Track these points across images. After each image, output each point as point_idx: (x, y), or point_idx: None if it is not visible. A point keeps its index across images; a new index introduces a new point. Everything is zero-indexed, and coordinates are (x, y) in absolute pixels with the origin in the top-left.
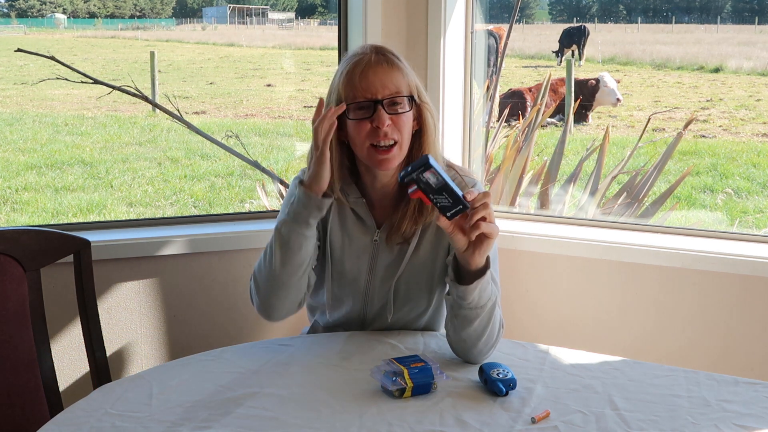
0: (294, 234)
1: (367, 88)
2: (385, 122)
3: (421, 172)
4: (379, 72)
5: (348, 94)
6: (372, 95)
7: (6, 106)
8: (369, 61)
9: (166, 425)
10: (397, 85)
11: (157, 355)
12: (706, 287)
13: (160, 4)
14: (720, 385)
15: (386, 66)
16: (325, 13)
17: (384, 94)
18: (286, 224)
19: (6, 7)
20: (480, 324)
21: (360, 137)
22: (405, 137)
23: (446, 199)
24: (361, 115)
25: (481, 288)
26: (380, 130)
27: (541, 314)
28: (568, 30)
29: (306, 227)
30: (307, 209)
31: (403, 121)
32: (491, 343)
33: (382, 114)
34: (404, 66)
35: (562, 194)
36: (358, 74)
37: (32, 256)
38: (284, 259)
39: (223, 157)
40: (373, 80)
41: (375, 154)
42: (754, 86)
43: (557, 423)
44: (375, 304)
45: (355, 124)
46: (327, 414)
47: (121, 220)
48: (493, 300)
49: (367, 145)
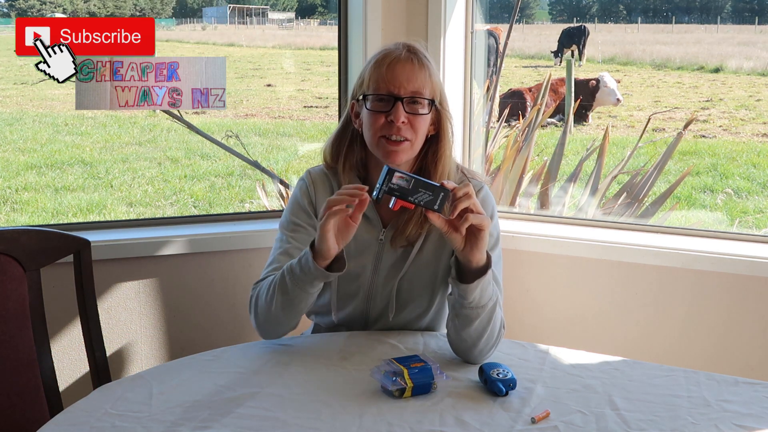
0: (298, 290)
1: (392, 80)
2: (401, 118)
3: (389, 181)
4: (407, 68)
5: (372, 83)
6: (395, 89)
7: (6, 106)
8: (399, 56)
9: (166, 425)
10: (421, 84)
11: (157, 355)
12: (706, 287)
13: (160, 4)
14: (720, 385)
15: (415, 64)
16: (325, 13)
17: (407, 91)
18: (291, 278)
19: (6, 7)
20: (480, 324)
21: (374, 127)
22: (419, 138)
23: (425, 194)
24: (380, 108)
25: (482, 287)
26: (394, 125)
27: (541, 314)
28: (567, 30)
29: (311, 288)
30: (313, 278)
31: (419, 121)
32: (492, 344)
33: (400, 110)
34: (432, 69)
35: (562, 194)
36: (385, 65)
37: (32, 256)
38: (285, 305)
39: (223, 157)
40: (399, 74)
41: (385, 145)
42: (754, 86)
43: (557, 423)
44: (378, 303)
45: (372, 115)
46: (327, 414)
47: (121, 220)
48: (494, 300)
49: (378, 135)
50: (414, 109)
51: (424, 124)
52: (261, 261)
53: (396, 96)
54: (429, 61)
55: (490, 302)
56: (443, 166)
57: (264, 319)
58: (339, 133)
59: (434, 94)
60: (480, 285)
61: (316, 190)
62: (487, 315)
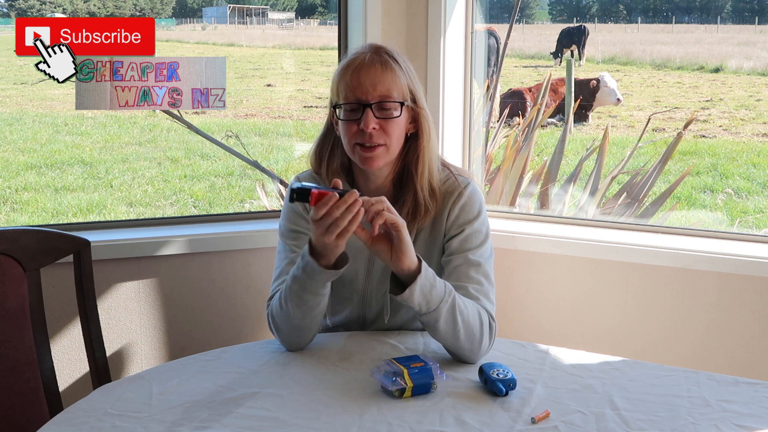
0: (310, 295)
1: (358, 87)
2: (371, 125)
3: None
4: (371, 73)
5: (341, 92)
6: (362, 96)
7: (6, 106)
8: (363, 60)
9: (166, 425)
10: (388, 87)
11: (157, 355)
12: (706, 287)
13: (160, 4)
14: (720, 385)
15: (379, 67)
16: (325, 13)
17: (374, 96)
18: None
19: (6, 7)
20: (447, 326)
21: (347, 136)
22: (394, 140)
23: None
24: (350, 116)
25: (423, 292)
26: (366, 132)
27: (541, 314)
28: (567, 30)
29: (323, 290)
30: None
31: (391, 125)
32: (477, 341)
33: (370, 116)
34: (401, 68)
35: (562, 194)
36: (350, 72)
37: (32, 256)
38: (304, 315)
39: (223, 157)
40: (363, 81)
41: (360, 152)
42: (754, 86)
43: (557, 423)
44: (373, 306)
45: (344, 124)
46: (327, 414)
47: (121, 220)
48: (449, 301)
49: (353, 143)
50: (384, 114)
51: (398, 126)
52: (261, 261)
53: (364, 103)
54: (397, 61)
55: (443, 303)
56: (423, 164)
57: (288, 334)
58: (321, 139)
59: (403, 94)
60: (417, 290)
61: None
62: (447, 317)
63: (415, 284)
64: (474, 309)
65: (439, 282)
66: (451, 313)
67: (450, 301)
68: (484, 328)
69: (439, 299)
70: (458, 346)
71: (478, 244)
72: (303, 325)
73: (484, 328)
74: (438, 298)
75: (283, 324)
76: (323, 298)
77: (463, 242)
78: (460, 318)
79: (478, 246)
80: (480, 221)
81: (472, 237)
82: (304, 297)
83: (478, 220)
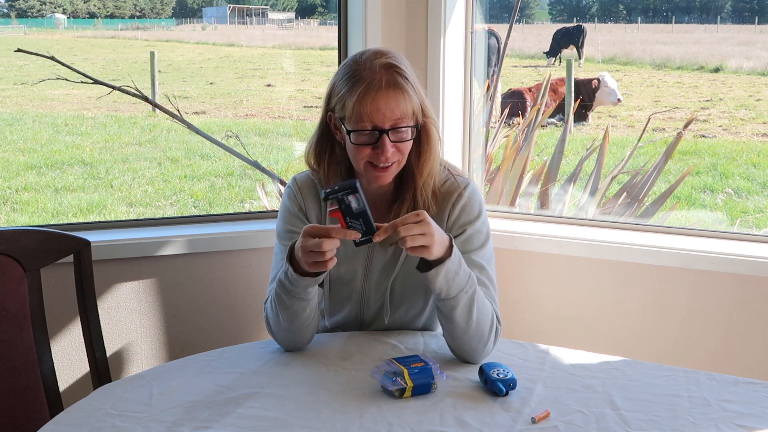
0: (295, 300)
1: (374, 113)
2: (389, 151)
3: (346, 194)
4: (390, 99)
5: (355, 116)
6: (378, 123)
7: (6, 106)
8: (380, 86)
9: (166, 425)
10: (404, 112)
11: (157, 355)
12: (706, 287)
13: (160, 4)
14: (720, 385)
15: (393, 92)
16: (325, 13)
17: (390, 121)
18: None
19: (6, 7)
20: (461, 318)
21: (359, 156)
22: (406, 155)
23: (360, 225)
24: (365, 141)
25: (447, 277)
26: (382, 155)
27: (541, 314)
28: (563, 30)
29: (307, 295)
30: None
31: (405, 145)
32: (484, 341)
33: (387, 144)
34: (411, 86)
35: (562, 194)
36: (368, 100)
37: (32, 256)
38: (292, 319)
39: (223, 157)
40: (382, 106)
41: (372, 171)
42: (754, 86)
43: (557, 423)
44: (372, 306)
45: (357, 147)
46: (327, 414)
47: (121, 220)
48: (469, 293)
49: (365, 161)
50: (400, 137)
51: (410, 143)
52: (261, 261)
53: (380, 129)
54: (407, 79)
55: (462, 293)
56: (426, 167)
57: (282, 336)
58: (318, 140)
59: (416, 115)
60: (442, 274)
61: (304, 196)
62: (464, 307)
63: (442, 266)
64: (489, 310)
65: (464, 271)
66: (468, 306)
67: (470, 293)
68: (492, 330)
69: (459, 288)
70: (465, 340)
71: (480, 244)
72: (293, 328)
73: (492, 330)
74: (459, 287)
75: (276, 327)
76: (308, 303)
77: (465, 243)
78: (475, 313)
79: (480, 247)
80: (481, 221)
81: (473, 237)
82: (288, 302)
83: (479, 221)
